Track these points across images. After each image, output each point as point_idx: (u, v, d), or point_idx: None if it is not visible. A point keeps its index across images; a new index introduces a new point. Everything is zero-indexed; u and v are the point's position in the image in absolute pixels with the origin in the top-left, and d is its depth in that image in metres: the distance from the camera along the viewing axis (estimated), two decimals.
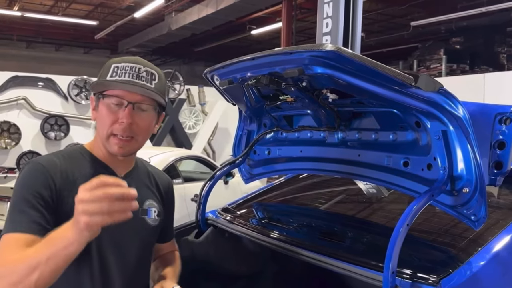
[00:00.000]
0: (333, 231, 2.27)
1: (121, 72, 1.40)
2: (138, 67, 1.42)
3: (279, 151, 2.21)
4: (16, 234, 1.24)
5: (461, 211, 1.47)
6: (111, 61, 1.46)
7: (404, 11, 13.17)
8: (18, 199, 1.29)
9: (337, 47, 1.40)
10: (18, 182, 1.33)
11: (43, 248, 1.12)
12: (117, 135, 1.40)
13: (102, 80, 1.42)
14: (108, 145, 1.42)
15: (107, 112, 1.41)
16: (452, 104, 1.42)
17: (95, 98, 1.46)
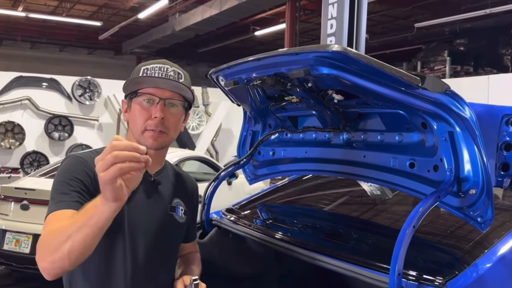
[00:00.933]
0: (338, 232, 2.27)
1: (150, 73, 1.52)
2: (166, 67, 1.54)
3: (283, 152, 2.21)
4: (59, 211, 1.31)
5: (467, 212, 1.46)
6: (140, 65, 1.58)
7: (408, 13, 13.14)
8: (60, 184, 1.39)
9: (343, 48, 1.40)
10: (59, 171, 1.44)
11: (76, 219, 1.21)
12: (149, 129, 1.51)
13: (134, 77, 1.53)
14: (143, 140, 1.51)
15: (141, 110, 1.52)
16: (459, 105, 1.41)
17: (127, 99, 1.57)
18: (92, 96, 10.12)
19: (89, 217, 1.17)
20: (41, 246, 1.23)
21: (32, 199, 4.74)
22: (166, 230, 1.60)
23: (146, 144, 1.50)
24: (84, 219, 1.18)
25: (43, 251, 1.22)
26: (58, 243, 1.18)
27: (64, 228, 1.20)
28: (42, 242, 1.24)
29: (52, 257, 1.19)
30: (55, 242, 1.19)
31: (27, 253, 4.61)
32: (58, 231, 1.21)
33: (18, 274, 5.44)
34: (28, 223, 4.70)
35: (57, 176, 1.42)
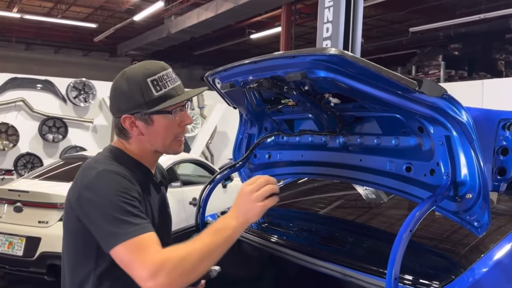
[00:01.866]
0: (334, 236, 2.26)
1: (162, 84, 1.47)
2: (169, 71, 1.50)
3: (279, 155, 2.20)
4: (148, 234, 1.30)
5: (464, 217, 1.46)
6: (141, 76, 1.46)
7: (403, 17, 13.21)
8: (124, 204, 1.32)
9: (340, 51, 1.39)
10: (111, 190, 1.34)
11: (210, 239, 1.30)
12: (178, 137, 1.52)
13: (153, 97, 1.45)
14: (171, 149, 1.53)
15: (171, 122, 1.49)
16: (456, 109, 1.41)
17: (141, 115, 1.47)
18: (87, 98, 10.08)
19: (228, 238, 1.32)
20: (172, 271, 1.24)
21: (26, 201, 4.70)
22: (169, 228, 1.68)
23: (172, 153, 1.55)
24: (220, 239, 1.30)
25: (175, 272, 1.24)
26: (195, 265, 1.27)
27: (200, 251, 1.27)
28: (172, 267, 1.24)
29: (185, 279, 1.28)
30: (191, 264, 1.26)
31: (20, 256, 4.57)
32: (191, 253, 1.26)
33: (11, 277, 5.40)
34: (21, 225, 4.67)
35: (113, 195, 1.33)
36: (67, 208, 1.44)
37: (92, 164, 1.44)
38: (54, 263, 4.44)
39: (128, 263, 1.28)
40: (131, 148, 1.53)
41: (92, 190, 1.35)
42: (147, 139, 1.50)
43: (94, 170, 1.39)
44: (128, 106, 1.47)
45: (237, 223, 1.34)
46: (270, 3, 11.65)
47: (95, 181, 1.36)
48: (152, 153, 1.55)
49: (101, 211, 1.32)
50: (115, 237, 1.28)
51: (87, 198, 1.35)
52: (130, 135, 1.51)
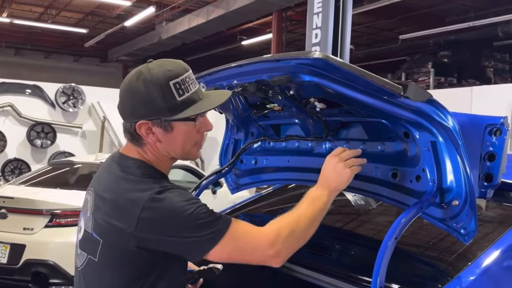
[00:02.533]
0: (319, 244, 2.22)
1: (185, 87, 1.35)
2: (190, 73, 1.41)
3: (266, 160, 2.17)
4: (238, 221, 1.35)
5: (450, 224, 1.44)
6: (163, 78, 1.33)
7: (393, 25, 13.29)
8: (199, 211, 1.29)
9: (325, 55, 1.37)
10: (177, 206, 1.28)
11: (311, 207, 1.40)
12: (198, 144, 1.46)
13: (176, 103, 1.34)
14: (190, 155, 1.46)
15: (192, 129, 1.41)
16: (442, 114, 1.39)
17: (161, 121, 1.36)
18: (76, 103, 9.99)
19: (324, 205, 1.42)
20: (288, 237, 1.32)
21: (11, 207, 4.61)
22: None
23: (190, 159, 1.51)
24: (319, 208, 1.40)
25: (291, 241, 1.34)
26: (302, 231, 1.36)
27: (305, 218, 1.37)
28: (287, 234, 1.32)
29: (298, 244, 1.37)
30: (300, 231, 1.35)
31: (4, 263, 4.47)
32: (299, 221, 1.36)
33: None
34: (6, 232, 4.56)
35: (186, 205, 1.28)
36: (105, 238, 1.33)
37: (132, 185, 1.33)
38: (39, 270, 4.35)
39: (240, 249, 1.31)
40: (148, 156, 1.43)
41: (160, 210, 1.28)
42: (164, 146, 1.41)
43: (149, 191, 1.29)
44: (146, 112, 1.34)
45: (329, 191, 1.45)
46: (261, 10, 11.68)
47: (166, 201, 1.28)
48: (168, 160, 1.45)
49: (181, 224, 1.27)
50: (213, 235, 1.27)
51: (156, 220, 1.27)
52: (145, 142, 1.40)
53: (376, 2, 10.89)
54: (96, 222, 1.36)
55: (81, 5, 14.02)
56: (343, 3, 4.82)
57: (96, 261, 1.35)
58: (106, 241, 1.33)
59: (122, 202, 1.32)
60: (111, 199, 1.35)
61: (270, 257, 1.32)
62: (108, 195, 1.36)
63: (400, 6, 11.28)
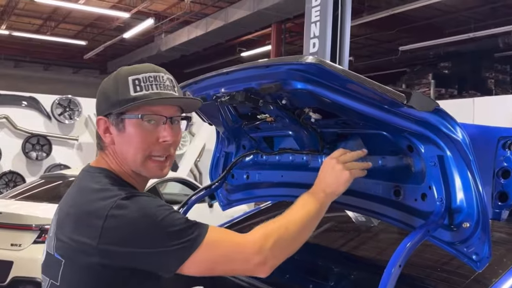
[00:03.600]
0: (317, 268, 2.07)
1: (145, 85, 1.23)
2: (161, 75, 1.27)
3: (258, 175, 2.02)
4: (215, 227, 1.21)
5: (460, 249, 1.28)
6: (124, 73, 1.26)
7: (393, 36, 13.23)
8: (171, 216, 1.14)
9: (318, 60, 1.23)
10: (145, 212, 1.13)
11: (303, 211, 1.28)
12: (155, 156, 1.26)
13: (128, 97, 1.22)
14: (146, 170, 1.26)
15: (143, 133, 1.23)
16: (450, 126, 1.25)
17: (115, 118, 1.25)
18: (72, 115, 9.87)
19: (318, 210, 1.30)
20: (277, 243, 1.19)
21: None
22: None
23: (149, 175, 1.29)
24: (313, 212, 1.28)
25: (280, 247, 1.21)
26: (292, 237, 1.23)
27: (295, 223, 1.25)
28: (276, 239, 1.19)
29: (288, 251, 1.24)
30: (289, 236, 1.22)
31: None
32: (288, 227, 1.23)
33: None
34: None
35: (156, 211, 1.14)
36: (71, 254, 1.17)
37: (96, 194, 1.18)
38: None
39: (221, 258, 1.17)
40: (112, 164, 1.28)
41: (126, 217, 1.11)
42: (119, 151, 1.26)
43: (113, 198, 1.15)
44: (104, 106, 1.26)
45: (325, 194, 1.33)
46: (260, 22, 11.63)
47: (129, 208, 1.13)
48: (134, 174, 1.29)
49: (151, 232, 1.11)
50: (188, 244, 1.12)
51: (121, 229, 1.11)
52: (105, 144, 1.28)
53: (376, 13, 10.84)
54: (58, 241, 1.21)
55: (80, 17, 13.98)
56: (342, 12, 4.71)
57: (58, 285, 1.20)
58: (68, 261, 1.17)
59: (84, 214, 1.16)
60: (73, 213, 1.20)
61: (256, 266, 1.18)
62: (72, 209, 1.22)
63: (400, 18, 11.24)
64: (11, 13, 13.24)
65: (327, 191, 1.34)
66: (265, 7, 10.25)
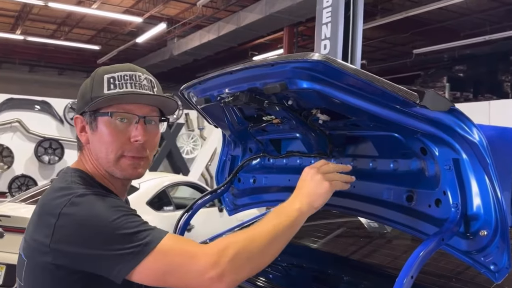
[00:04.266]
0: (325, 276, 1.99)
1: (119, 83, 1.22)
2: (138, 74, 1.26)
3: (265, 179, 1.96)
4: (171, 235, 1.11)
5: (477, 258, 1.20)
6: (101, 72, 1.25)
7: (407, 39, 13.10)
8: (124, 218, 1.08)
9: (325, 57, 1.17)
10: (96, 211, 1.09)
11: (274, 223, 1.16)
12: (128, 156, 1.24)
13: (101, 95, 1.20)
14: (119, 170, 1.24)
15: (114, 132, 1.22)
16: (466, 127, 1.17)
17: (88, 117, 1.24)
18: None
19: (293, 222, 1.18)
20: (237, 256, 1.08)
21: (7, 226, 4.45)
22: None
23: (123, 175, 1.25)
24: (285, 223, 1.17)
25: (241, 261, 1.09)
26: (257, 250, 1.11)
27: (263, 235, 1.13)
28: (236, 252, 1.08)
29: (252, 266, 1.12)
30: (254, 249, 1.11)
31: (0, 285, 4.31)
32: (254, 239, 1.12)
33: None
34: (2, 252, 4.41)
35: (108, 211, 1.09)
36: (31, 253, 1.13)
37: (56, 192, 1.16)
38: None
39: (172, 268, 1.06)
40: (88, 165, 1.27)
41: (80, 217, 1.07)
42: (93, 150, 1.25)
43: (68, 196, 1.11)
44: (79, 104, 1.27)
45: (301, 205, 1.23)
46: (272, 25, 11.58)
47: (80, 206, 1.09)
48: (108, 175, 1.26)
49: (99, 232, 1.06)
50: (138, 249, 1.04)
51: (72, 228, 1.07)
52: (81, 145, 1.29)
53: (389, 16, 10.72)
54: (24, 242, 1.19)
55: (93, 22, 14.09)
56: (354, 13, 4.63)
57: (22, 286, 1.17)
58: (28, 260, 1.15)
59: (43, 213, 1.14)
60: (36, 212, 1.18)
61: (211, 280, 1.05)
62: (36, 209, 1.20)
63: (414, 20, 11.10)
64: (26, 18, 13.40)
65: (304, 202, 1.24)
66: (277, 10, 10.20)
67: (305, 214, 1.23)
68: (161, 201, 5.73)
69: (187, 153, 11.01)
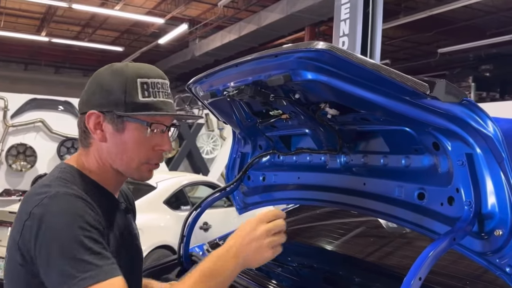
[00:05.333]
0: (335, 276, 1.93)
1: (153, 91, 1.21)
2: (166, 83, 1.26)
3: (274, 177, 1.91)
4: (110, 281, 1.02)
5: (492, 260, 1.13)
6: (132, 73, 1.20)
7: (431, 38, 12.85)
8: (80, 240, 1.03)
9: (329, 46, 1.11)
10: (60, 221, 1.05)
11: (203, 284, 1.09)
12: (151, 163, 1.24)
13: (136, 101, 1.17)
14: (137, 173, 1.24)
15: (143, 139, 1.20)
16: (480, 119, 1.09)
17: (115, 117, 1.18)
18: None
19: (222, 282, 1.12)
20: None
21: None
22: (138, 263, 1.35)
23: (139, 178, 1.25)
24: (216, 283, 1.10)
25: None
26: None
27: None
28: None
29: None
30: None
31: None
32: None
33: None
34: None
35: (71, 225, 1.04)
36: (9, 249, 1.12)
37: (38, 189, 1.13)
38: None
39: None
40: (89, 164, 1.23)
41: (42, 220, 1.04)
42: (109, 150, 1.20)
43: (43, 195, 1.09)
44: (102, 101, 1.18)
45: (236, 264, 1.13)
46: (293, 25, 11.52)
47: (46, 208, 1.06)
48: (113, 173, 1.24)
49: (52, 246, 1.02)
50: (76, 282, 0.99)
51: (34, 231, 1.04)
52: (91, 142, 1.22)
53: (413, 14, 10.52)
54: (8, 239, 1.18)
55: (116, 23, 14.27)
56: (373, 9, 4.52)
57: (5, 283, 1.16)
58: (7, 257, 1.13)
59: (21, 209, 1.12)
60: (18, 210, 1.16)
61: None
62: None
63: (438, 19, 10.87)
64: (51, 20, 13.66)
65: (240, 261, 1.13)
66: (299, 9, 10.13)
67: (237, 273, 1.14)
68: (178, 201, 5.73)
69: (207, 153, 11.01)
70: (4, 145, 9.06)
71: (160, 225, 5.22)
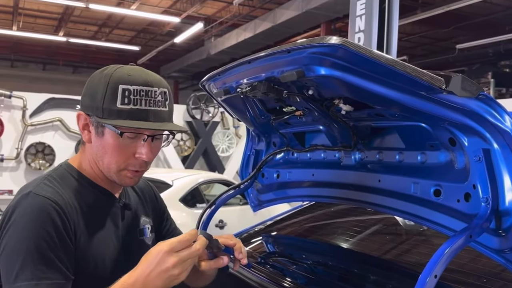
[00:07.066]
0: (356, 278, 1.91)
1: (134, 99, 1.17)
2: (154, 90, 1.20)
3: (288, 174, 1.90)
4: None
5: (510, 257, 1.10)
6: (115, 79, 1.18)
7: (449, 34, 12.66)
8: (37, 244, 1.07)
9: (343, 40, 1.10)
10: (23, 222, 1.08)
11: None
12: (130, 170, 1.24)
13: (113, 108, 1.16)
14: (118, 178, 1.25)
15: (121, 146, 1.20)
16: (497, 113, 1.07)
17: (96, 121, 1.20)
18: None
19: None
20: None
21: None
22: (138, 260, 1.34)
23: (120, 183, 1.27)
24: None
25: None
26: None
27: None
28: None
29: None
30: None
31: None
32: None
33: None
34: None
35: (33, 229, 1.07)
36: None
37: (25, 185, 1.20)
38: None
39: None
40: (85, 162, 1.28)
41: (10, 217, 1.10)
42: (94, 151, 1.24)
43: (22, 192, 1.16)
44: (88, 103, 1.22)
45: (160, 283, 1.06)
46: (308, 22, 11.46)
47: (16, 205, 1.12)
48: (102, 175, 1.27)
49: (9, 242, 1.08)
50: (9, 280, 1.05)
51: (3, 224, 1.12)
52: (84, 140, 1.29)
53: (431, 10, 10.38)
54: None
55: (133, 23, 14.38)
56: (389, 5, 4.47)
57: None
58: None
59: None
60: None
61: None
62: None
63: (456, 14, 10.70)
64: (68, 20, 13.82)
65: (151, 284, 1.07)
66: (314, 6, 10.08)
67: None
68: (194, 199, 5.75)
69: (223, 151, 11.05)
70: (23, 144, 9.22)
71: (176, 222, 5.23)
